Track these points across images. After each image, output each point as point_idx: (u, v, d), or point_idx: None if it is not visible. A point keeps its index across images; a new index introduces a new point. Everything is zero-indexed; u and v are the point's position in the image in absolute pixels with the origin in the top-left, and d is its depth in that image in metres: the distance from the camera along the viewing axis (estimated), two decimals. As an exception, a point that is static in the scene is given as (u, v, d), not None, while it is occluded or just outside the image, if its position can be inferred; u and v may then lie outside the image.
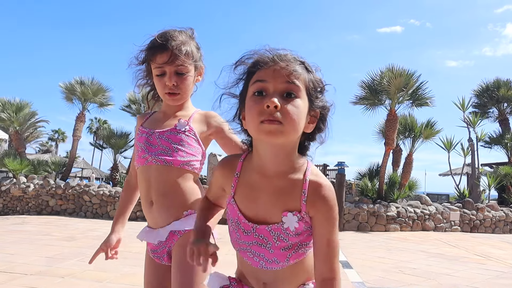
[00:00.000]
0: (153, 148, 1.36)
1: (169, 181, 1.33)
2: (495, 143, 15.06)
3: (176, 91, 1.35)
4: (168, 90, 1.35)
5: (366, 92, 11.03)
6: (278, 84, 0.88)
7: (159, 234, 1.34)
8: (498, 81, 15.66)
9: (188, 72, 1.35)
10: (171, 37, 1.32)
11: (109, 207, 10.01)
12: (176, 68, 1.32)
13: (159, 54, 1.31)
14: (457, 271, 5.00)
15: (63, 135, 52.43)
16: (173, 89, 1.34)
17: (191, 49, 1.35)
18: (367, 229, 9.44)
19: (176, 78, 1.33)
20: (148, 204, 1.36)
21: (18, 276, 3.75)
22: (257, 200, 0.98)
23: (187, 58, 1.33)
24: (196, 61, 1.38)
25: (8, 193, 10.68)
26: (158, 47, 1.31)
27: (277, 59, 0.89)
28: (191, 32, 1.40)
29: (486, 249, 7.16)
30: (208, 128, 1.40)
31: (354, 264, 5.13)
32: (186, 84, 1.36)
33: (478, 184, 12.29)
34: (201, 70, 1.43)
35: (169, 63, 1.31)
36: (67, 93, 12.86)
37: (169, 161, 1.33)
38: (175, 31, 1.36)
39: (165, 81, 1.33)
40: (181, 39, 1.34)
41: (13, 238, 6.14)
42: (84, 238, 6.44)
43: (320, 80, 0.96)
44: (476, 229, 10.27)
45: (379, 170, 10.83)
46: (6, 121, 12.34)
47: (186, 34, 1.38)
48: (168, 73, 1.33)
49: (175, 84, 1.33)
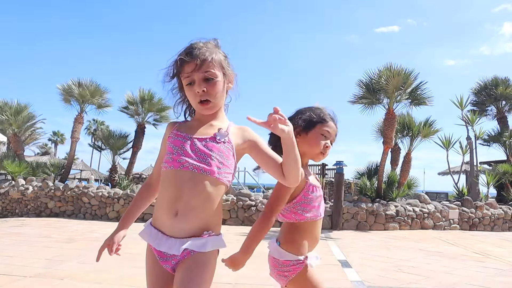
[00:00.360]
0: (190, 153, 1.33)
1: (202, 194, 1.31)
2: (494, 141, 15.08)
3: (207, 98, 1.35)
4: (200, 98, 1.35)
5: (364, 91, 11.04)
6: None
7: (174, 246, 1.31)
8: (496, 79, 15.68)
9: (216, 78, 1.36)
10: (196, 46, 1.36)
11: (108, 209, 10.00)
12: (203, 74, 1.34)
13: (187, 65, 1.34)
14: (456, 269, 5.01)
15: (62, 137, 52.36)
16: (204, 95, 1.35)
17: (217, 56, 1.37)
18: (366, 228, 9.45)
19: (205, 84, 1.34)
20: (173, 212, 1.31)
21: (17, 279, 3.75)
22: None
23: (214, 64, 1.35)
24: (223, 67, 1.39)
25: (7, 196, 10.67)
26: (184, 57, 1.34)
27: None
28: (215, 42, 1.43)
29: (485, 247, 7.18)
30: (243, 142, 1.40)
31: (353, 263, 5.14)
32: (216, 90, 1.36)
33: (476, 182, 12.30)
34: (231, 77, 1.43)
35: (196, 70, 1.33)
36: (65, 94, 12.85)
37: (206, 170, 1.31)
38: (201, 42, 1.39)
39: (195, 89, 1.35)
40: (207, 48, 1.36)
41: (12, 241, 6.14)
42: (83, 239, 6.44)
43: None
44: (475, 227, 10.29)
45: (378, 169, 10.84)
46: (4, 123, 12.33)
47: (210, 43, 1.41)
48: (197, 80, 1.34)
49: (204, 90, 1.34)
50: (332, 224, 9.27)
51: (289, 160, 1.31)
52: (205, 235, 1.31)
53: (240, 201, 9.58)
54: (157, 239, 1.36)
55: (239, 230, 8.33)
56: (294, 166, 1.32)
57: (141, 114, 13.45)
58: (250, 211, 9.47)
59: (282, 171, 1.35)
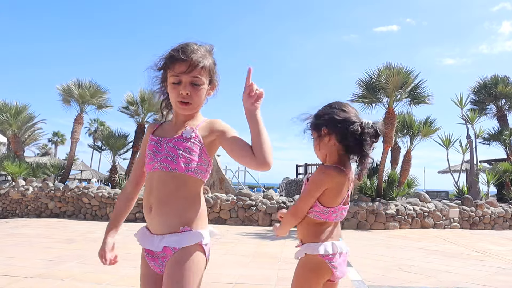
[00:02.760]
0: (159, 154, 1.41)
1: (171, 188, 1.37)
2: (494, 140, 15.07)
3: (189, 101, 1.40)
4: (181, 99, 1.40)
5: (364, 90, 11.04)
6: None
7: (154, 243, 1.39)
8: (496, 78, 15.67)
9: (202, 84, 1.41)
10: (192, 49, 1.39)
11: (108, 209, 10.00)
12: (192, 78, 1.39)
13: (178, 63, 1.38)
14: (457, 268, 5.01)
15: (62, 137, 52.35)
16: (186, 98, 1.40)
17: (208, 63, 1.42)
18: (367, 227, 9.45)
19: (191, 88, 1.39)
20: (147, 209, 1.41)
21: (17, 279, 3.75)
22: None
23: (203, 71, 1.40)
24: (211, 75, 1.44)
25: (7, 196, 10.67)
26: (178, 57, 1.37)
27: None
28: (210, 48, 1.47)
29: (485, 245, 7.18)
30: (210, 133, 1.42)
31: (354, 262, 5.13)
32: (199, 95, 1.41)
33: (477, 181, 12.30)
34: (215, 85, 1.49)
35: (186, 73, 1.38)
36: (64, 95, 12.85)
37: (173, 168, 1.37)
38: (196, 44, 1.42)
39: (179, 89, 1.39)
40: (201, 53, 1.40)
41: (12, 241, 6.14)
42: (84, 240, 6.44)
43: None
44: (475, 225, 10.29)
45: (378, 168, 10.84)
46: (4, 124, 12.33)
47: (206, 48, 1.44)
48: (183, 82, 1.39)
49: (188, 94, 1.39)
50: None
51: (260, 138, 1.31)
52: (181, 230, 1.36)
53: (240, 200, 9.57)
54: (144, 237, 1.44)
55: (240, 229, 8.34)
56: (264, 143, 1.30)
57: (141, 114, 13.46)
58: (250, 211, 9.47)
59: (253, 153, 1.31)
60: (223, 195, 9.83)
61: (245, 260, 4.93)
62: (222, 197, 9.68)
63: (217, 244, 6.28)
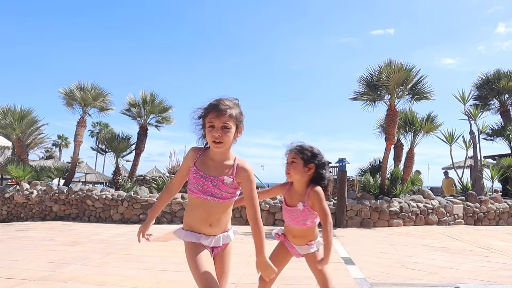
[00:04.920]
0: (207, 189, 1.91)
1: (221, 211, 1.97)
2: (497, 135, 14.98)
3: (220, 140, 1.85)
4: (214, 139, 1.84)
5: (365, 87, 11.01)
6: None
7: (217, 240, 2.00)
8: (498, 73, 15.58)
9: (230, 128, 1.86)
10: (222, 101, 1.86)
11: (112, 211, 10.04)
12: (222, 123, 1.83)
13: (212, 112, 1.84)
14: (461, 264, 4.99)
15: (66, 140, 52.63)
16: (218, 138, 1.84)
17: (235, 112, 1.88)
18: (370, 225, 9.43)
19: (221, 131, 1.84)
20: (207, 225, 1.96)
21: (21, 282, 3.78)
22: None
23: (231, 118, 1.85)
24: (238, 122, 1.90)
25: (12, 200, 10.74)
26: (212, 107, 1.86)
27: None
28: (237, 101, 1.94)
29: (489, 241, 7.14)
30: (239, 176, 1.95)
31: (357, 260, 5.13)
32: (228, 136, 1.86)
33: (481, 176, 12.24)
34: (241, 129, 1.95)
35: (218, 119, 1.83)
36: (67, 98, 12.90)
37: (220, 200, 1.93)
38: (227, 99, 1.89)
39: (213, 132, 1.84)
40: (229, 104, 1.86)
41: (17, 245, 6.18)
42: (88, 242, 6.47)
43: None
44: (480, 221, 10.24)
45: (381, 165, 10.81)
46: (8, 128, 12.40)
47: (233, 102, 1.91)
48: (216, 126, 1.84)
49: (219, 135, 1.83)
50: (335, 222, 9.25)
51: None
52: (228, 229, 2.07)
53: (244, 200, 9.57)
54: (200, 238, 1.95)
55: (243, 229, 8.33)
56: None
57: (143, 116, 13.49)
58: (253, 211, 9.46)
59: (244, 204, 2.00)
60: (226, 195, 9.83)
61: (248, 260, 4.94)
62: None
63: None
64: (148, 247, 5.93)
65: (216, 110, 1.83)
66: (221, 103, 1.85)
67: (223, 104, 1.84)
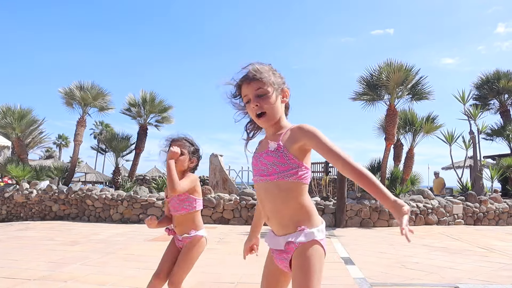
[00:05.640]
0: (255, 169, 1.59)
1: (273, 197, 1.51)
2: (497, 135, 15.01)
3: (261, 111, 1.54)
4: (255, 112, 1.55)
5: (365, 87, 11.02)
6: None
7: (278, 242, 1.54)
8: (498, 73, 15.61)
9: (267, 94, 1.54)
10: (247, 69, 1.57)
11: (112, 211, 10.04)
12: (256, 92, 1.54)
13: (243, 86, 1.57)
14: (460, 264, 4.99)
15: (67, 140, 52.59)
16: (258, 109, 1.54)
17: (267, 74, 1.55)
18: (370, 225, 9.43)
19: (258, 99, 1.54)
20: (266, 218, 1.60)
21: (21, 282, 3.78)
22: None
23: (265, 82, 1.53)
24: (277, 85, 1.56)
25: (12, 200, 10.74)
26: (241, 79, 1.58)
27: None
28: (267, 64, 1.62)
29: (489, 241, 7.14)
30: (297, 140, 1.50)
31: (357, 260, 5.13)
32: (268, 103, 1.54)
33: (480, 176, 12.24)
34: (286, 91, 1.62)
35: (248, 90, 1.55)
36: (67, 98, 12.92)
37: (267, 178, 1.52)
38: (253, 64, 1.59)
39: (251, 105, 1.56)
40: (257, 68, 1.56)
41: (17, 244, 6.18)
42: (88, 242, 6.46)
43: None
44: (479, 221, 10.25)
45: (381, 165, 10.82)
46: (7, 127, 12.40)
47: (261, 64, 1.59)
48: (251, 97, 1.55)
49: (258, 105, 1.53)
50: (335, 222, 9.26)
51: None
52: (299, 229, 1.49)
53: (243, 200, 9.58)
54: (270, 238, 1.62)
55: (243, 229, 8.34)
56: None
57: (143, 116, 13.50)
58: (253, 211, 9.46)
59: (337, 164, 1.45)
60: (226, 195, 9.84)
61: (247, 260, 4.94)
62: (225, 197, 9.70)
63: (220, 244, 6.30)
64: (148, 247, 5.93)
65: (245, 80, 1.56)
66: (248, 71, 1.57)
67: (251, 71, 1.56)
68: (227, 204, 9.54)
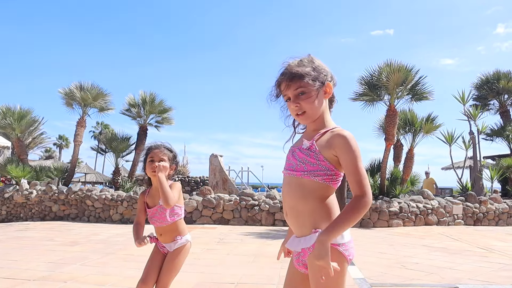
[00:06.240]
0: (287, 162, 1.55)
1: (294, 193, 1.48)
2: (497, 135, 15.01)
3: (301, 111, 1.49)
4: (295, 112, 1.51)
5: (365, 88, 11.02)
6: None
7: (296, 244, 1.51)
8: (497, 73, 15.59)
9: (306, 92, 1.47)
10: (286, 66, 1.51)
11: (112, 211, 10.03)
12: (294, 91, 1.48)
13: (282, 84, 1.50)
14: (460, 264, 4.99)
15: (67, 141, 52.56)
16: (298, 109, 1.49)
17: (303, 71, 1.47)
18: (370, 225, 9.43)
19: (297, 99, 1.48)
20: (284, 213, 1.56)
21: (21, 282, 3.78)
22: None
23: (302, 79, 1.45)
24: (317, 80, 1.48)
25: (12, 200, 10.73)
26: (279, 78, 1.51)
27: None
28: (307, 56, 1.55)
29: (489, 241, 7.15)
30: (330, 148, 1.44)
31: (357, 260, 5.13)
32: (308, 102, 1.48)
33: (480, 177, 12.24)
34: (329, 86, 1.52)
35: (288, 88, 1.49)
36: (66, 98, 12.91)
37: (293, 173, 1.49)
38: (291, 60, 1.53)
39: (290, 105, 1.51)
40: (293, 65, 1.49)
41: (17, 245, 6.18)
42: (88, 242, 6.46)
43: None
44: (479, 222, 10.25)
45: (381, 166, 10.82)
46: (7, 128, 12.39)
47: (300, 60, 1.52)
48: (291, 97, 1.50)
49: (297, 106, 1.48)
50: (335, 222, 9.25)
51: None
52: (313, 231, 1.43)
53: (243, 201, 9.58)
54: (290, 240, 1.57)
55: (243, 229, 8.35)
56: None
57: (143, 116, 13.50)
58: (253, 211, 9.48)
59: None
60: (226, 196, 9.84)
61: (247, 260, 4.94)
62: (225, 197, 9.69)
63: (220, 245, 6.29)
64: (147, 247, 5.92)
65: (284, 79, 1.48)
66: (286, 68, 1.50)
67: (288, 68, 1.49)
68: (227, 205, 9.54)
